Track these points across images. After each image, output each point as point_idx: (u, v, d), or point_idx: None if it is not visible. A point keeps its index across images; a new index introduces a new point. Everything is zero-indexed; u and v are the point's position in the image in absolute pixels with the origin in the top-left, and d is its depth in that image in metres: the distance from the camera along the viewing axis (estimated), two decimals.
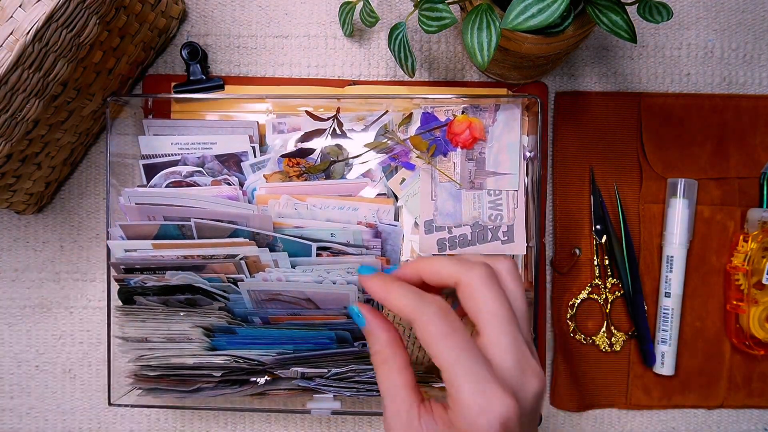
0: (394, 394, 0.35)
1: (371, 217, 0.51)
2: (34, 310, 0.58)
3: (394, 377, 0.35)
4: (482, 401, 0.32)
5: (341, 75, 0.57)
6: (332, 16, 0.57)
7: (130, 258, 0.48)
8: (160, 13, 0.52)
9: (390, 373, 0.35)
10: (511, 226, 0.51)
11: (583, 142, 0.56)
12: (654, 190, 0.56)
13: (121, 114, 0.55)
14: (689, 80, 0.57)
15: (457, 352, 0.33)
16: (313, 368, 0.49)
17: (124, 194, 0.48)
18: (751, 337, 0.55)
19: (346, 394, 0.50)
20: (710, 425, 0.57)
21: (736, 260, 0.55)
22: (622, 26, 0.40)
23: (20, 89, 0.39)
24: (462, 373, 0.32)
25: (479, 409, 0.31)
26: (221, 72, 0.57)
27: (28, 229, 0.58)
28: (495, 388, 0.32)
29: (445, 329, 0.33)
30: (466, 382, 0.32)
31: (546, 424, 0.57)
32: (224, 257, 0.48)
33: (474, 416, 0.32)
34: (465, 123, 0.51)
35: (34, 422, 0.58)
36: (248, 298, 0.48)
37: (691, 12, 0.58)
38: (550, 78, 0.57)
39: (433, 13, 0.42)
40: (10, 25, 0.36)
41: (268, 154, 0.53)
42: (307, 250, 0.48)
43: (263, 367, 0.49)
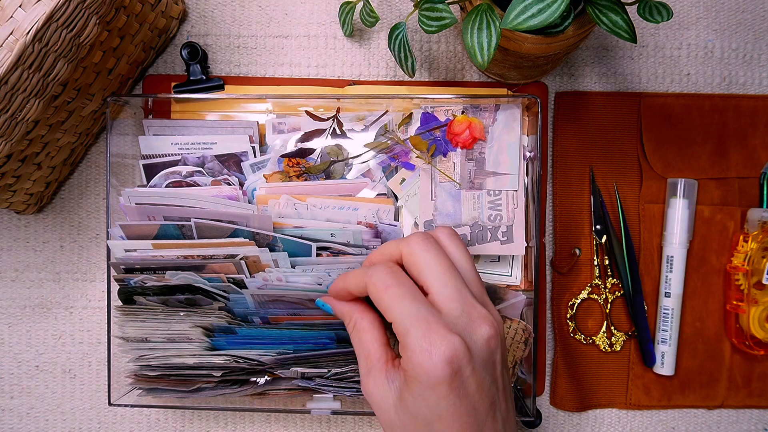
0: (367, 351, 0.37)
1: (371, 217, 0.51)
2: (34, 310, 0.58)
3: (365, 336, 0.37)
4: (426, 343, 0.33)
5: (341, 75, 0.57)
6: (332, 16, 0.57)
7: (130, 258, 0.48)
8: (160, 13, 0.52)
9: (361, 333, 0.37)
10: (510, 227, 0.51)
11: (583, 142, 0.56)
12: (654, 190, 0.56)
13: (121, 114, 0.55)
14: (689, 80, 0.57)
15: (403, 301, 0.34)
16: (313, 368, 0.49)
17: (124, 194, 0.48)
18: (751, 337, 0.55)
19: (346, 394, 0.50)
20: (710, 425, 0.57)
21: (736, 260, 0.55)
22: (622, 26, 0.40)
23: (20, 89, 0.39)
24: (409, 320, 0.34)
25: (423, 350, 0.33)
26: (221, 72, 0.57)
27: (28, 229, 0.58)
28: (439, 329, 0.33)
29: (390, 282, 0.35)
30: (413, 327, 0.33)
31: (546, 424, 0.57)
32: (224, 257, 0.48)
33: (420, 358, 0.33)
34: (465, 123, 0.51)
35: (34, 422, 0.58)
36: (251, 299, 0.49)
37: (691, 12, 0.58)
38: (550, 78, 0.57)
39: (433, 13, 0.42)
40: (10, 25, 0.36)
41: (268, 154, 0.53)
42: (307, 250, 0.48)
43: (263, 367, 0.49)
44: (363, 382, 0.37)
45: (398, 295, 0.35)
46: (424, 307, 0.34)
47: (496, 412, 0.35)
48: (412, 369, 0.33)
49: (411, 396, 0.34)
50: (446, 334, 0.33)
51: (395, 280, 0.35)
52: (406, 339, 0.33)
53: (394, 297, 0.35)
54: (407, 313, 0.34)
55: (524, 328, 0.49)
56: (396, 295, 0.35)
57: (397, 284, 0.35)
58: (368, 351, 0.37)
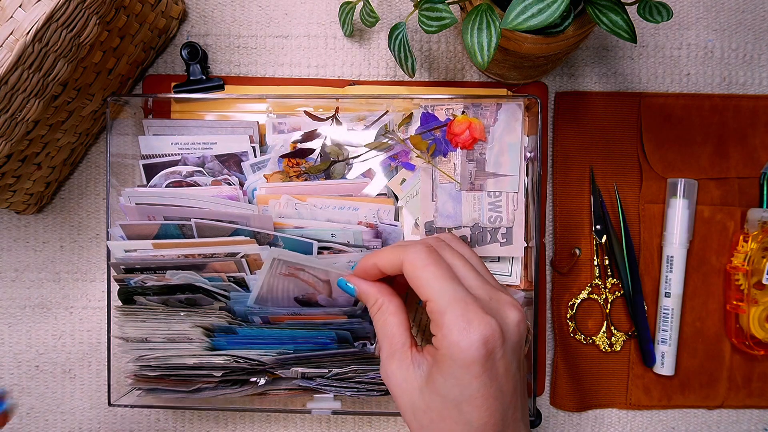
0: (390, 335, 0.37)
1: (371, 217, 0.51)
2: (34, 310, 0.58)
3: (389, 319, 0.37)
4: (463, 323, 0.33)
5: (341, 75, 0.57)
6: (332, 16, 0.57)
7: (130, 258, 0.48)
8: (160, 13, 0.52)
9: (387, 316, 0.38)
10: (510, 229, 0.51)
11: (583, 142, 0.56)
12: (654, 190, 0.56)
13: (121, 114, 0.55)
14: (689, 80, 0.57)
15: (440, 280, 0.35)
16: (314, 368, 0.49)
17: (124, 194, 0.48)
18: (751, 337, 0.55)
19: (346, 394, 0.50)
20: (710, 425, 0.57)
21: (736, 260, 0.55)
22: (622, 26, 0.40)
23: (20, 89, 0.39)
24: (446, 300, 0.34)
25: (461, 329, 0.33)
26: (221, 72, 0.57)
27: (28, 229, 0.58)
28: (476, 310, 0.34)
29: (427, 261, 0.36)
30: (449, 306, 0.34)
31: (546, 424, 0.57)
32: (225, 255, 0.48)
33: (456, 337, 0.33)
34: (465, 123, 0.51)
35: (34, 422, 0.58)
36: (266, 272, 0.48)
37: (691, 12, 0.58)
38: (550, 78, 0.57)
39: (433, 13, 0.42)
40: (10, 25, 0.36)
41: (268, 154, 0.53)
42: (308, 248, 0.48)
43: (263, 367, 0.49)
44: (385, 364, 0.37)
45: (437, 275, 0.35)
46: (461, 289, 0.35)
47: (518, 397, 0.35)
48: (447, 348, 0.34)
49: (442, 376, 0.34)
50: (484, 315, 0.34)
51: (433, 259, 0.36)
52: (443, 318, 0.34)
53: (432, 276, 0.35)
54: (445, 293, 0.34)
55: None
56: (435, 274, 0.35)
57: (435, 263, 0.36)
58: (393, 334, 0.37)
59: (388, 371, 0.37)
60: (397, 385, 0.36)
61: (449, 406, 0.34)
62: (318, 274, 0.47)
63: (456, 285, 0.35)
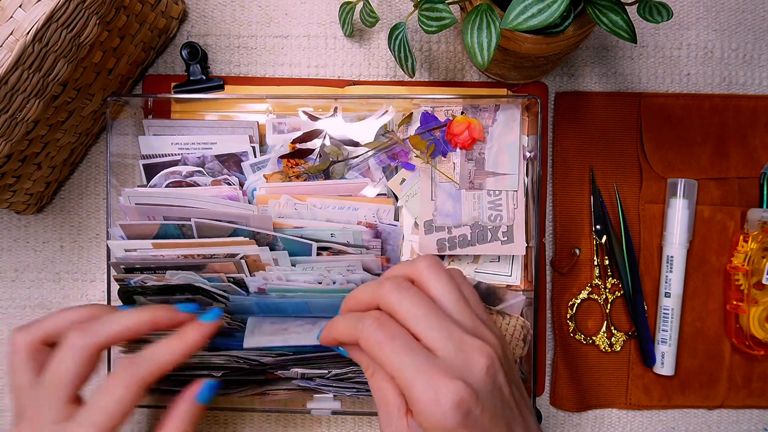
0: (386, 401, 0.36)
1: (371, 217, 0.51)
2: (34, 310, 0.58)
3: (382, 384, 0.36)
4: (431, 393, 0.33)
5: (341, 75, 0.57)
6: (332, 16, 0.57)
7: (130, 258, 0.48)
8: (160, 13, 0.52)
9: (380, 382, 0.36)
10: (511, 227, 0.51)
11: (583, 142, 0.56)
12: (654, 190, 0.56)
13: (121, 114, 0.55)
14: (689, 80, 0.57)
15: (399, 355, 0.34)
16: (313, 369, 0.49)
17: (124, 194, 0.48)
18: (751, 337, 0.55)
19: (346, 394, 0.50)
20: (710, 425, 0.57)
21: (736, 260, 0.55)
22: (622, 26, 0.40)
23: (20, 89, 0.39)
24: (409, 374, 0.33)
25: (431, 402, 0.32)
26: (221, 72, 0.57)
27: (28, 229, 0.58)
28: (441, 377, 0.33)
29: (383, 337, 0.35)
30: (414, 380, 0.33)
31: (546, 424, 0.57)
32: (224, 256, 0.48)
33: (429, 410, 0.33)
34: (464, 124, 0.51)
35: None
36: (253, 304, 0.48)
37: (691, 12, 0.58)
38: (550, 78, 0.57)
39: (433, 13, 0.42)
40: (10, 25, 0.36)
41: (268, 154, 0.53)
42: (307, 249, 0.48)
43: (263, 368, 0.49)
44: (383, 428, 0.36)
45: (392, 350, 0.34)
46: (420, 357, 0.34)
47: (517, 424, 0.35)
48: (425, 420, 0.33)
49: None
50: (448, 381, 0.33)
51: (385, 335, 0.35)
52: (411, 392, 0.33)
53: (388, 353, 0.34)
54: (405, 368, 0.34)
55: (522, 325, 0.48)
56: (390, 351, 0.34)
57: (388, 339, 0.34)
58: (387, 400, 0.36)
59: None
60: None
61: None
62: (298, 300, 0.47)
63: (414, 355, 0.34)
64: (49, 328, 0.41)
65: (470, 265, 0.53)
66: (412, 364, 0.33)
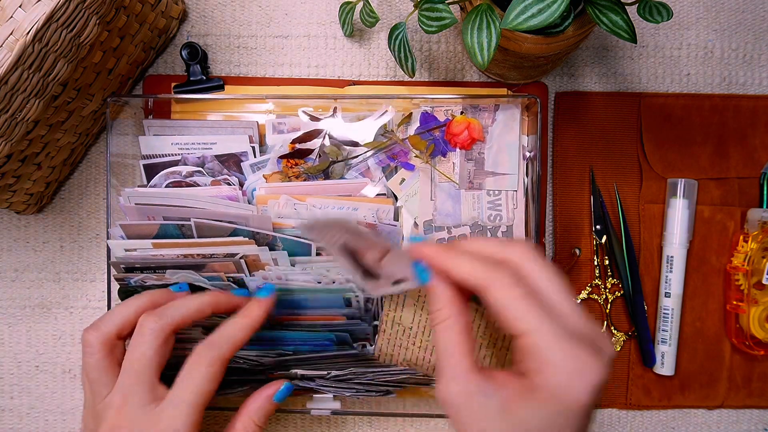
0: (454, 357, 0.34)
1: (371, 217, 0.51)
2: (34, 310, 0.58)
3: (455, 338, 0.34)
4: (576, 364, 0.31)
5: (341, 75, 0.57)
6: (332, 16, 0.57)
7: (131, 257, 0.48)
8: (160, 13, 0.52)
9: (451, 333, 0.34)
10: (510, 227, 0.51)
11: (583, 142, 0.56)
12: (654, 190, 0.56)
13: (121, 114, 0.55)
14: (689, 80, 0.57)
15: (540, 314, 0.32)
16: (313, 370, 0.49)
17: (124, 194, 0.48)
18: (751, 337, 0.55)
19: (346, 394, 0.50)
20: (710, 425, 0.57)
21: (736, 260, 0.55)
22: (622, 26, 0.40)
23: (20, 89, 0.39)
24: (550, 335, 0.31)
25: (572, 373, 0.31)
26: (221, 72, 0.57)
27: (28, 229, 0.58)
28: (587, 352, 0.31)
29: (523, 292, 0.32)
30: (557, 344, 0.31)
31: None
32: (224, 256, 0.48)
33: (567, 379, 0.31)
34: (463, 124, 0.51)
35: (34, 422, 0.58)
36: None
37: (691, 12, 0.58)
38: (550, 78, 0.57)
39: (433, 13, 0.42)
40: (10, 25, 0.36)
41: (268, 154, 0.53)
42: (306, 249, 0.48)
43: (263, 368, 0.49)
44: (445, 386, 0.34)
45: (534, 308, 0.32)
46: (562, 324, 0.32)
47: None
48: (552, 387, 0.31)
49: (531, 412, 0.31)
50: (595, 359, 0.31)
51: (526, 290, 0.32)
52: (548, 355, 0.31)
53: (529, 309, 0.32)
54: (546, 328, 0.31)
55: None
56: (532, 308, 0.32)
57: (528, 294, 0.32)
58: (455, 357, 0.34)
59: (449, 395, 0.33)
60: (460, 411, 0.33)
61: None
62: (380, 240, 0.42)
63: (555, 321, 0.32)
64: (119, 320, 0.42)
65: None
66: (554, 327, 0.31)
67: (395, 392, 0.51)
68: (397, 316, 0.49)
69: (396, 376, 0.50)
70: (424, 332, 0.49)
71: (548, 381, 0.31)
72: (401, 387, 0.51)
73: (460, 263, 0.34)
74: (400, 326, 0.49)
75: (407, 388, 0.52)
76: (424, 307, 0.49)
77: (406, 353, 0.50)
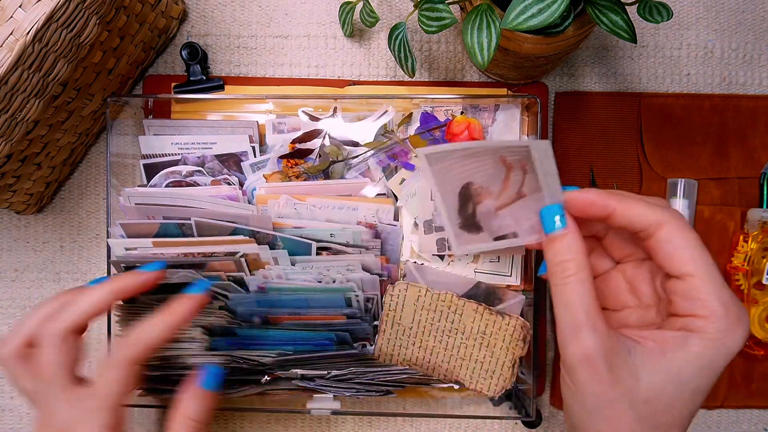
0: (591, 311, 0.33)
1: (371, 217, 0.51)
2: None
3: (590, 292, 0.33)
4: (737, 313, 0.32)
5: (341, 75, 0.57)
6: (332, 16, 0.57)
7: (131, 256, 0.48)
8: (160, 13, 0.52)
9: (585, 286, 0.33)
10: None
11: (583, 142, 0.56)
12: (654, 190, 0.56)
13: (121, 114, 0.55)
14: (689, 80, 0.57)
15: (708, 263, 0.33)
16: (313, 370, 0.49)
17: (124, 194, 0.48)
18: (751, 337, 0.55)
19: (346, 394, 0.50)
20: (710, 425, 0.57)
21: (736, 260, 0.55)
22: (622, 26, 0.40)
23: (20, 89, 0.39)
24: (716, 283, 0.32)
25: (733, 320, 0.32)
26: (221, 72, 0.57)
27: (28, 229, 0.58)
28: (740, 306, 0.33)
29: (696, 236, 0.33)
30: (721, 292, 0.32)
31: (546, 424, 0.57)
32: (224, 255, 0.48)
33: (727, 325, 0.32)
34: (464, 124, 0.51)
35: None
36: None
37: (691, 12, 0.58)
38: (550, 78, 0.57)
39: (433, 13, 0.42)
40: (10, 25, 0.36)
41: (267, 154, 0.53)
42: (306, 248, 0.48)
43: (263, 368, 0.49)
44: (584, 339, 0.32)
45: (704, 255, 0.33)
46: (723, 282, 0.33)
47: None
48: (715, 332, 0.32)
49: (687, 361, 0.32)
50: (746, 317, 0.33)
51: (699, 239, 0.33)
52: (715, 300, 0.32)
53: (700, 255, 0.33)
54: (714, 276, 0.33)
55: (522, 325, 0.48)
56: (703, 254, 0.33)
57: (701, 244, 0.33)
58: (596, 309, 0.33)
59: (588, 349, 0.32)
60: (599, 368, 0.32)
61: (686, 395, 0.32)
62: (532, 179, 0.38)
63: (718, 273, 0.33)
64: (25, 331, 0.42)
65: (470, 265, 0.53)
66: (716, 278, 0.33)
67: (395, 392, 0.51)
68: (397, 316, 0.49)
69: (396, 376, 0.50)
70: (424, 332, 0.50)
71: (709, 325, 0.32)
72: (401, 387, 0.51)
73: (634, 204, 0.34)
74: (400, 326, 0.49)
75: (407, 388, 0.52)
76: (424, 306, 0.49)
77: (406, 353, 0.50)
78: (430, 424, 0.57)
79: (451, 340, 0.49)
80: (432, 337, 0.50)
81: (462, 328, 0.49)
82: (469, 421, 0.57)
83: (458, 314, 0.49)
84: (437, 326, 0.49)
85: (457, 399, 0.55)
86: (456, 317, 0.49)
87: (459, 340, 0.49)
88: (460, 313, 0.49)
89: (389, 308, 0.49)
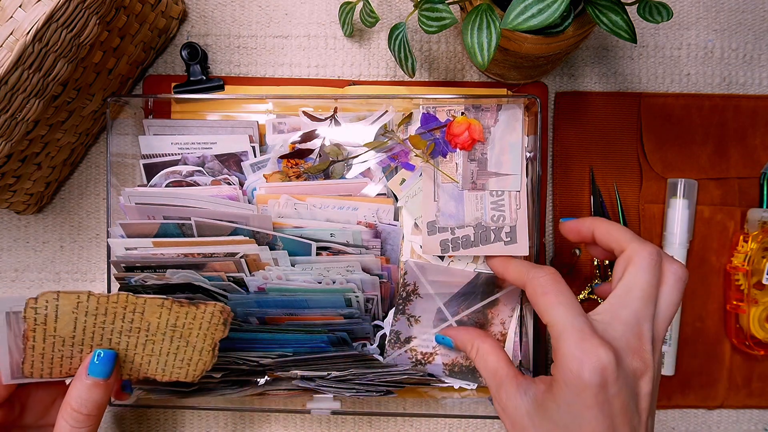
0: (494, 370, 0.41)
1: (371, 217, 0.51)
2: None
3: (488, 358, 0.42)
4: (579, 351, 0.35)
5: (341, 75, 0.57)
6: (332, 16, 0.57)
7: (131, 256, 0.48)
8: (160, 13, 0.52)
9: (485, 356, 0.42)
10: (514, 227, 0.51)
11: (583, 142, 0.56)
12: (654, 190, 0.56)
13: (121, 114, 0.55)
14: (689, 80, 0.57)
15: (562, 309, 0.37)
16: (313, 371, 0.49)
17: (124, 194, 0.48)
18: (751, 337, 0.55)
19: (345, 394, 0.50)
20: (710, 425, 0.57)
21: (736, 260, 0.55)
22: (622, 26, 0.40)
23: (20, 89, 0.39)
24: (563, 326, 0.36)
25: (575, 358, 0.35)
26: (221, 72, 0.57)
27: (28, 229, 0.58)
28: (593, 340, 0.35)
29: (551, 289, 0.38)
30: (570, 334, 0.36)
31: None
32: (224, 255, 0.48)
33: (570, 363, 0.35)
34: (464, 124, 0.51)
35: None
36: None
37: (691, 12, 0.58)
38: (550, 78, 0.57)
39: (433, 13, 0.42)
40: (10, 25, 0.36)
41: (268, 154, 0.53)
42: (306, 249, 0.48)
43: (263, 369, 0.49)
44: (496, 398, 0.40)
45: (555, 303, 0.37)
46: (579, 318, 0.36)
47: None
48: (561, 373, 0.35)
49: (554, 402, 0.36)
50: (601, 346, 0.35)
51: (555, 288, 0.38)
52: (559, 343, 0.36)
53: (551, 303, 0.38)
54: (562, 321, 0.36)
55: (222, 309, 0.45)
56: (553, 302, 0.38)
57: (555, 293, 0.38)
58: (495, 369, 0.41)
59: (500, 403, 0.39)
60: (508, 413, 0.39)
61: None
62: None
63: (575, 314, 0.36)
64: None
65: (471, 264, 0.53)
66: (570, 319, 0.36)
67: (395, 392, 0.51)
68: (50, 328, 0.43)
69: (396, 376, 0.50)
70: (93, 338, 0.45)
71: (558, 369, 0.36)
72: (401, 387, 0.51)
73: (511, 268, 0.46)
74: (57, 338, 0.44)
75: (407, 388, 0.52)
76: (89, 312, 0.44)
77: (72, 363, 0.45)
78: (430, 424, 0.57)
79: (132, 339, 0.45)
80: (107, 340, 0.45)
81: (146, 325, 0.45)
82: (469, 421, 0.57)
83: (138, 312, 0.45)
84: (111, 328, 0.45)
85: (457, 399, 0.55)
86: (136, 316, 0.45)
87: (144, 337, 0.45)
88: (140, 311, 0.45)
89: (35, 322, 0.43)
